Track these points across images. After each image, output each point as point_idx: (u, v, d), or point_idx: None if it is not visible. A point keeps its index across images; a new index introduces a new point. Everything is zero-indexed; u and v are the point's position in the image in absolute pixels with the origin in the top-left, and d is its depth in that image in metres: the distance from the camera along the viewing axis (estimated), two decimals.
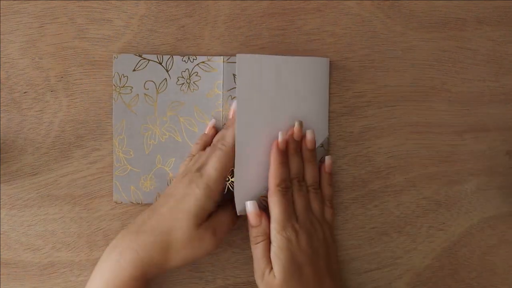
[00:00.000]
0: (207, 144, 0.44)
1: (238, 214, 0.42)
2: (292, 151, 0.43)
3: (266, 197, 0.42)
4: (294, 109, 0.43)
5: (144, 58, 0.45)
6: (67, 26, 0.45)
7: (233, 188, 0.42)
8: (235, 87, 0.44)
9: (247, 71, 0.42)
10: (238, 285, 0.45)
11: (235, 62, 0.44)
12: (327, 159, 0.44)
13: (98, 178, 0.45)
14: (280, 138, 0.42)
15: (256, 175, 0.42)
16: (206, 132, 0.44)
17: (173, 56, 0.45)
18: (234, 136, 0.41)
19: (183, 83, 0.45)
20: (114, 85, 0.44)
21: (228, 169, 0.41)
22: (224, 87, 0.44)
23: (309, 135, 0.43)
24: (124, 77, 0.45)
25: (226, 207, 0.42)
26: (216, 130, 0.45)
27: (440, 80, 0.46)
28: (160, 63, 0.45)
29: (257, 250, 0.41)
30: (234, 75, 0.44)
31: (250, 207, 0.41)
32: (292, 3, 0.45)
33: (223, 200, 0.42)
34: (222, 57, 0.44)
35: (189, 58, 0.45)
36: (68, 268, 0.44)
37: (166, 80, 0.45)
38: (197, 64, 0.45)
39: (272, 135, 0.42)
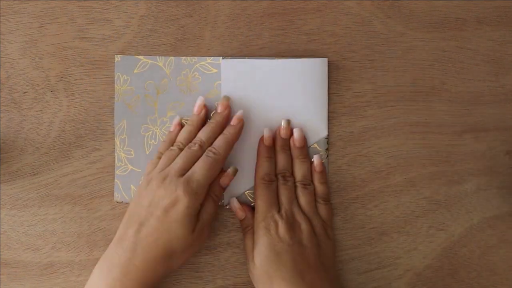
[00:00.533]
0: (173, 141, 0.43)
1: (225, 206, 0.45)
2: (279, 148, 0.44)
3: (251, 192, 0.44)
4: (288, 109, 0.44)
5: (145, 60, 0.45)
6: (67, 26, 0.45)
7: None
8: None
9: (232, 74, 0.44)
10: (238, 285, 0.45)
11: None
12: (316, 158, 0.44)
13: (98, 178, 0.45)
14: (265, 134, 0.43)
15: (243, 172, 0.44)
16: (195, 115, 0.44)
17: (173, 57, 0.45)
18: (227, 144, 0.41)
19: (183, 84, 0.45)
20: (116, 86, 0.45)
21: (214, 176, 0.41)
22: (223, 87, 0.45)
23: (296, 133, 0.43)
24: (125, 78, 0.45)
25: (206, 199, 0.41)
26: (181, 127, 0.44)
27: (440, 80, 0.46)
28: (161, 65, 0.45)
29: (245, 240, 0.43)
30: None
31: (233, 204, 0.44)
32: (292, 3, 0.45)
33: None
34: (221, 57, 0.45)
35: (189, 59, 0.45)
36: (68, 268, 0.44)
37: (166, 81, 0.45)
38: (197, 65, 0.45)
39: (261, 135, 0.44)
